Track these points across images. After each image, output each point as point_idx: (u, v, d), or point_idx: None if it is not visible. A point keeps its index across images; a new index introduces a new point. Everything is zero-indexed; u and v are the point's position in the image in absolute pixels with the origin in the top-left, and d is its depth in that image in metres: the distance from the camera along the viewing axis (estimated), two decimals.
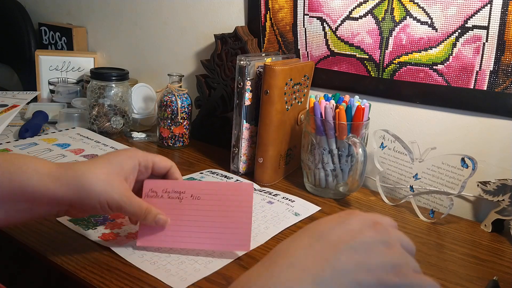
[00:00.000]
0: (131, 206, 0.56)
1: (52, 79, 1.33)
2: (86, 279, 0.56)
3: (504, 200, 0.76)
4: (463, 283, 0.62)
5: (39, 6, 1.57)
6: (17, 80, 1.60)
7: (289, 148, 0.93)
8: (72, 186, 0.53)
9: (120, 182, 0.56)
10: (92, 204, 0.54)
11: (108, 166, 0.56)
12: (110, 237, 0.64)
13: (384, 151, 0.88)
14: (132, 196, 0.57)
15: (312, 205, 0.81)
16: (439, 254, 0.69)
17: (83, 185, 0.53)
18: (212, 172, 0.92)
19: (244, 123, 0.90)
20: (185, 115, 1.04)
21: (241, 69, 0.87)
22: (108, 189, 0.54)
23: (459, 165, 0.77)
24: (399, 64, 0.88)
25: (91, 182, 0.53)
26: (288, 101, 0.88)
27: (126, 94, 1.09)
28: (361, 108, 0.81)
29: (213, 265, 0.60)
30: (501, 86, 0.79)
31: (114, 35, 1.37)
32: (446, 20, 0.82)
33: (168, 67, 1.25)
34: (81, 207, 0.55)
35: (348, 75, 0.95)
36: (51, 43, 1.48)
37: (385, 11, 0.87)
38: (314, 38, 0.97)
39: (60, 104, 1.25)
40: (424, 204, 0.82)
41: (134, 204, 0.56)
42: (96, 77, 1.07)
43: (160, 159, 0.61)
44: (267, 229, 0.70)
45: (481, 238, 0.76)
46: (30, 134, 1.01)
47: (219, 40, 1.05)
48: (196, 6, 1.16)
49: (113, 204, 0.55)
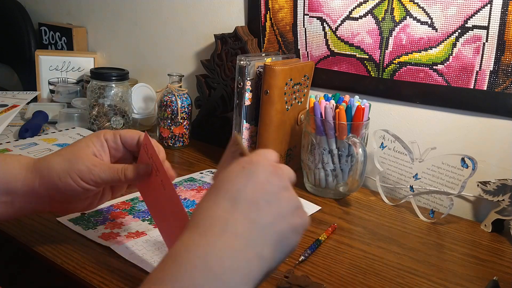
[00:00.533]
0: (104, 171, 0.55)
1: (52, 79, 1.33)
2: (86, 279, 0.56)
3: (504, 200, 0.76)
4: (463, 283, 0.62)
5: (39, 6, 1.57)
6: (17, 80, 1.60)
7: (289, 148, 0.93)
8: (41, 172, 0.54)
9: (86, 156, 0.55)
10: (66, 184, 0.53)
11: (72, 146, 0.57)
12: (110, 237, 0.64)
13: (384, 151, 0.88)
14: (102, 163, 0.56)
15: (312, 205, 0.81)
16: (439, 254, 0.69)
17: (48, 167, 0.54)
18: (213, 172, 0.92)
19: (244, 123, 0.90)
20: (185, 115, 1.04)
21: (241, 69, 0.87)
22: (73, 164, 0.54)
23: (459, 165, 0.77)
24: (399, 64, 0.88)
25: (54, 162, 0.54)
26: (288, 101, 0.88)
27: (126, 94, 1.09)
28: (361, 108, 0.81)
29: None
30: (501, 86, 0.79)
31: (114, 35, 1.37)
32: (446, 20, 0.82)
33: (168, 67, 1.25)
34: (59, 194, 0.54)
35: (348, 75, 0.95)
36: (51, 43, 1.48)
37: (385, 11, 0.87)
38: (314, 38, 0.97)
39: (60, 104, 1.25)
40: (424, 204, 0.82)
41: (105, 169, 0.55)
42: (96, 77, 1.07)
43: (126, 131, 0.60)
44: None
45: (481, 238, 0.76)
46: (30, 134, 1.01)
47: (219, 40, 1.05)
48: (196, 6, 1.16)
49: (85, 176, 0.54)
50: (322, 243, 0.68)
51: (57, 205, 0.57)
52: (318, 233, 0.71)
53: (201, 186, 0.84)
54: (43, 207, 0.57)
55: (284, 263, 0.63)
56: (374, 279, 0.61)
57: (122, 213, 0.71)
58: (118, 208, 0.73)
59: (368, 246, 0.70)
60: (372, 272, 0.63)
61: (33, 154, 0.90)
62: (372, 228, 0.76)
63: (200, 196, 0.79)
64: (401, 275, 0.63)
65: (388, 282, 0.61)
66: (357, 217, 0.80)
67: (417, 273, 0.63)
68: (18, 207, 0.55)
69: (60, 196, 0.55)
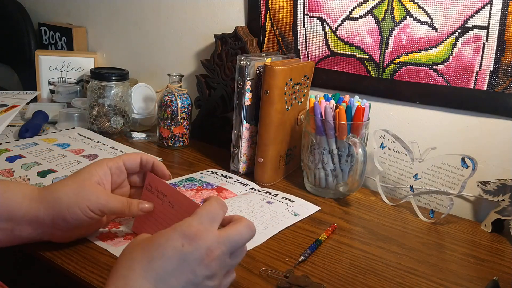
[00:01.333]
0: (111, 202, 0.57)
1: (52, 79, 1.33)
2: (86, 279, 0.56)
3: (504, 200, 0.76)
4: (463, 283, 0.62)
5: (39, 6, 1.57)
6: (17, 80, 1.60)
7: (289, 148, 0.93)
8: (48, 203, 0.56)
9: (92, 186, 0.58)
10: (74, 214, 0.55)
11: (77, 176, 0.59)
12: (108, 237, 0.64)
13: (384, 151, 0.88)
14: (110, 194, 0.59)
15: (311, 205, 0.81)
16: (439, 254, 0.69)
17: (57, 198, 0.56)
18: (213, 172, 0.92)
19: (244, 123, 0.90)
20: (185, 115, 1.04)
21: (241, 69, 0.87)
22: (81, 195, 0.56)
23: (459, 165, 0.77)
24: (399, 64, 0.88)
25: (61, 193, 0.56)
26: (288, 101, 0.88)
27: (126, 94, 1.09)
28: (361, 108, 0.81)
29: None
30: (501, 86, 0.79)
31: (114, 35, 1.37)
32: (446, 20, 0.82)
33: (168, 67, 1.25)
34: (64, 223, 0.56)
35: (348, 75, 0.95)
36: (51, 43, 1.48)
37: (385, 11, 0.87)
38: (314, 38, 0.97)
39: (60, 104, 1.25)
40: (424, 204, 0.82)
41: (113, 200, 0.58)
42: (96, 77, 1.07)
43: (127, 155, 0.63)
44: (265, 229, 0.70)
45: (481, 238, 0.76)
46: (30, 134, 1.01)
47: (219, 40, 1.05)
48: (196, 6, 1.16)
49: (93, 206, 0.56)
50: (322, 243, 0.68)
51: (58, 233, 0.58)
52: (318, 233, 0.71)
53: (201, 186, 0.84)
54: (43, 236, 0.58)
55: (284, 263, 0.63)
56: (374, 279, 0.61)
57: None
58: None
59: (368, 246, 0.70)
60: (372, 272, 0.63)
61: (33, 154, 0.90)
62: (372, 228, 0.76)
63: (200, 196, 0.79)
64: (401, 275, 0.63)
65: (388, 282, 0.61)
66: (357, 217, 0.80)
67: (417, 273, 0.63)
68: (17, 235, 0.56)
69: (64, 225, 0.57)
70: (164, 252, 0.45)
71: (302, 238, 0.70)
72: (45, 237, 0.58)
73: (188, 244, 0.45)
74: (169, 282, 0.44)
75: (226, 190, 0.83)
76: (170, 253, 0.45)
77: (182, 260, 0.45)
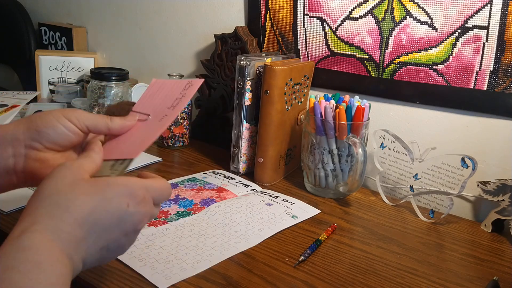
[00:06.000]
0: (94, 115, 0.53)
1: (52, 79, 1.33)
2: (86, 279, 0.56)
3: (504, 200, 0.76)
4: (463, 283, 0.62)
5: (39, 6, 1.57)
6: (17, 80, 1.60)
7: (289, 148, 0.93)
8: (27, 119, 0.51)
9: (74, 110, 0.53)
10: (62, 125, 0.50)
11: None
12: None
13: (384, 151, 0.88)
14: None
15: (311, 208, 0.80)
16: (439, 254, 0.69)
17: (39, 115, 0.51)
18: (216, 172, 0.92)
19: (244, 123, 0.90)
20: (185, 115, 1.04)
21: (241, 69, 0.87)
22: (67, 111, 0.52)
23: (459, 165, 0.77)
24: (399, 64, 0.88)
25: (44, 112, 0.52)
26: (288, 101, 0.88)
27: (126, 94, 1.09)
28: (361, 108, 0.81)
29: (200, 265, 0.60)
30: (501, 86, 0.79)
31: (114, 35, 1.37)
32: (446, 20, 0.82)
33: (168, 67, 1.25)
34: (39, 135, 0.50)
35: (348, 75, 0.95)
36: (51, 43, 1.48)
37: (385, 11, 0.87)
38: (314, 38, 0.97)
39: (60, 104, 1.25)
40: (424, 204, 0.82)
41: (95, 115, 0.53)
42: (96, 77, 1.07)
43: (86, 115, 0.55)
44: (261, 230, 0.70)
45: (481, 238, 0.76)
46: None
47: (219, 40, 1.05)
48: (196, 6, 1.16)
49: (81, 116, 0.51)
50: (322, 243, 0.68)
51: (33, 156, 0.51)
52: (318, 233, 0.71)
53: (202, 186, 0.84)
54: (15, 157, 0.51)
55: (284, 263, 0.63)
56: (374, 279, 0.61)
57: None
58: None
59: (368, 246, 0.70)
60: (372, 272, 0.63)
61: None
62: (372, 228, 0.76)
63: (199, 196, 0.79)
64: (401, 275, 0.63)
65: (388, 282, 0.61)
66: (357, 217, 0.80)
67: (417, 273, 0.63)
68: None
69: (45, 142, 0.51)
70: (109, 207, 0.43)
71: (302, 238, 0.70)
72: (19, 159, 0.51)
73: (132, 206, 0.44)
74: (101, 236, 0.43)
75: (226, 191, 0.83)
76: (113, 209, 0.43)
77: (121, 219, 0.44)
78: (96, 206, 0.42)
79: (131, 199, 0.44)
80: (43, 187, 0.43)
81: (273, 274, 0.60)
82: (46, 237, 0.39)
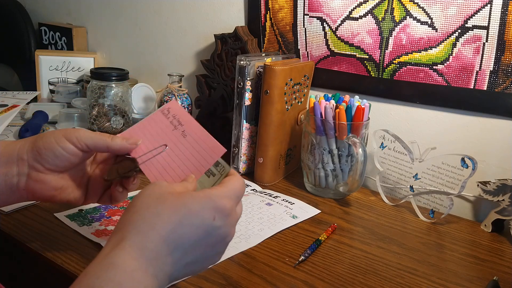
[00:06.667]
0: (95, 133, 0.53)
1: (52, 79, 1.33)
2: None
3: (504, 200, 0.76)
4: (463, 283, 0.62)
5: (39, 6, 1.57)
6: (17, 80, 1.60)
7: (289, 148, 0.93)
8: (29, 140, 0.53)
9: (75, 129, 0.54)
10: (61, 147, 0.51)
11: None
12: (103, 234, 0.64)
13: (384, 151, 0.88)
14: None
15: (311, 208, 0.80)
16: (439, 254, 0.69)
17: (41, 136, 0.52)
18: None
19: (244, 123, 0.90)
20: None
21: (241, 69, 0.87)
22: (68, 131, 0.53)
23: (459, 165, 0.77)
24: (399, 64, 0.88)
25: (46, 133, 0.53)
26: (288, 101, 0.88)
27: (126, 94, 1.09)
28: (361, 108, 0.81)
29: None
30: (501, 86, 0.79)
31: (114, 35, 1.37)
32: (446, 20, 0.82)
33: (168, 67, 1.25)
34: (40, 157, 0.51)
35: (348, 75, 0.95)
36: (51, 43, 1.48)
37: (385, 11, 0.87)
38: (314, 38, 0.97)
39: (60, 104, 1.25)
40: (424, 204, 0.82)
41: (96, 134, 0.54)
42: (96, 77, 1.07)
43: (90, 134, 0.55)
44: (261, 230, 0.70)
45: (481, 238, 0.76)
46: (30, 134, 1.01)
47: (219, 40, 1.05)
48: (196, 6, 1.16)
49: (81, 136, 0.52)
50: (322, 243, 0.68)
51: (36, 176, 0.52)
52: (318, 233, 0.71)
53: None
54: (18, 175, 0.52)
55: (284, 263, 0.63)
56: (374, 279, 0.61)
57: (120, 211, 0.71)
58: (116, 206, 0.73)
59: (368, 246, 0.70)
60: (372, 272, 0.63)
61: None
62: (372, 228, 0.76)
63: None
64: (401, 275, 0.63)
65: (388, 282, 0.61)
66: (357, 217, 0.80)
67: (417, 273, 0.63)
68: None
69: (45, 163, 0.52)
70: (194, 221, 0.42)
71: (302, 238, 0.70)
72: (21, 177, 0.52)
73: (219, 218, 0.44)
74: (187, 251, 0.42)
75: None
76: (199, 223, 0.43)
77: (207, 233, 0.43)
78: (181, 220, 0.42)
79: (217, 212, 0.44)
80: (134, 202, 0.44)
81: (273, 274, 0.60)
82: (132, 255, 0.40)
